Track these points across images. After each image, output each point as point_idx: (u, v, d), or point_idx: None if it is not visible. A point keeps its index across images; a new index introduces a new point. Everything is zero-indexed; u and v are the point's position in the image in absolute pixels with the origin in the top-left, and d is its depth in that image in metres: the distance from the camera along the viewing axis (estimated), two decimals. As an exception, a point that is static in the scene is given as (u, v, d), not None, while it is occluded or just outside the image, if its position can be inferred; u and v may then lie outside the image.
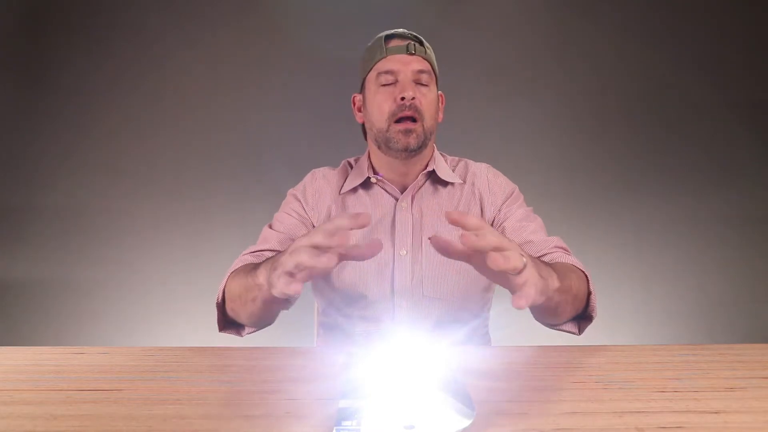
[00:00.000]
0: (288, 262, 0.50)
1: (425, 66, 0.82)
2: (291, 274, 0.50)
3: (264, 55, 1.85)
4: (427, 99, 0.82)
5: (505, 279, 0.50)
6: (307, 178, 0.93)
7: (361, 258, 0.55)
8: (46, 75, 1.84)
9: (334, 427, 0.39)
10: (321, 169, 0.94)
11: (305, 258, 0.49)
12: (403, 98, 0.79)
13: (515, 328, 0.98)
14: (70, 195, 1.84)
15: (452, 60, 1.82)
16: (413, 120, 0.80)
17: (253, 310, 0.67)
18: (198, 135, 1.85)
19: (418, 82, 0.82)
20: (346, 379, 0.48)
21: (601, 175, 1.85)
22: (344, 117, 1.06)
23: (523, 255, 0.49)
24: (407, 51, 0.82)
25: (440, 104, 0.90)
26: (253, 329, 0.76)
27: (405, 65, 0.81)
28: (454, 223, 0.50)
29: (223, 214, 1.83)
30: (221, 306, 0.74)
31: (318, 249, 0.49)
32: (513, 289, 0.49)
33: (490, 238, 0.48)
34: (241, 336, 0.77)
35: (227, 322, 0.76)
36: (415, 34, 0.86)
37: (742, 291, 1.83)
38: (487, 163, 0.94)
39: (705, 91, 1.84)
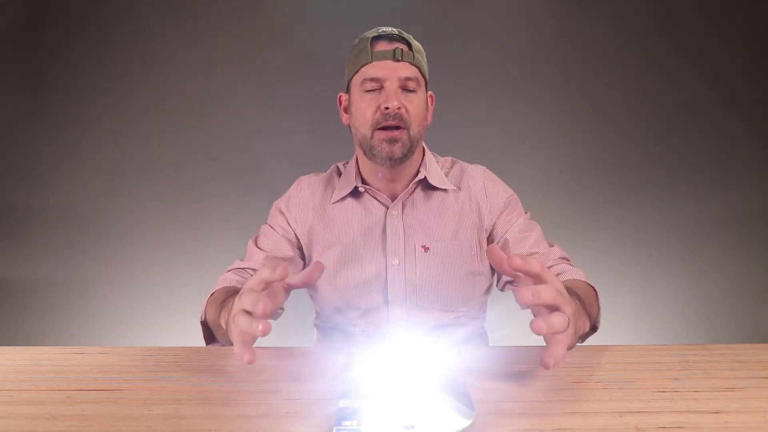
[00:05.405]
0: (233, 328, 0.50)
1: (412, 72, 0.78)
2: (242, 339, 0.50)
3: (264, 55, 1.85)
4: (414, 106, 0.78)
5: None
6: (293, 188, 0.91)
7: (308, 284, 0.56)
8: (46, 75, 1.84)
9: (334, 427, 0.39)
10: (307, 177, 0.92)
11: (244, 326, 0.48)
12: (387, 108, 0.75)
13: (514, 329, 0.98)
14: (70, 195, 1.84)
15: (452, 60, 1.82)
16: (398, 128, 0.76)
17: (230, 341, 0.67)
18: (198, 135, 1.85)
19: (404, 89, 0.77)
20: (346, 379, 0.48)
21: (600, 175, 1.85)
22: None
23: (568, 318, 0.46)
24: (394, 57, 0.77)
25: (430, 105, 0.86)
26: None
27: (391, 72, 0.76)
28: (516, 269, 0.47)
29: (222, 214, 1.83)
30: (205, 323, 0.74)
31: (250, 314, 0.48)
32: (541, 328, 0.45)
33: (545, 296, 0.45)
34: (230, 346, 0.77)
35: (212, 338, 0.75)
36: (403, 34, 0.80)
37: (742, 291, 1.83)
38: (485, 166, 0.91)
39: (705, 91, 1.84)
